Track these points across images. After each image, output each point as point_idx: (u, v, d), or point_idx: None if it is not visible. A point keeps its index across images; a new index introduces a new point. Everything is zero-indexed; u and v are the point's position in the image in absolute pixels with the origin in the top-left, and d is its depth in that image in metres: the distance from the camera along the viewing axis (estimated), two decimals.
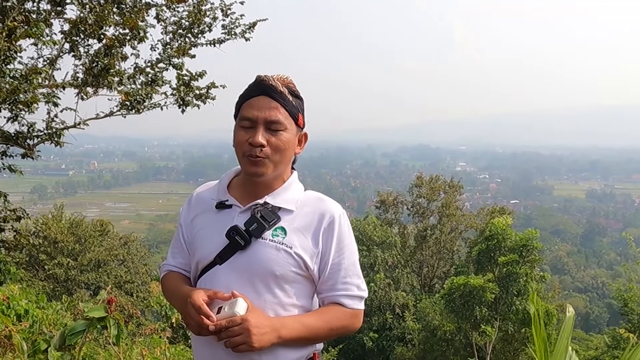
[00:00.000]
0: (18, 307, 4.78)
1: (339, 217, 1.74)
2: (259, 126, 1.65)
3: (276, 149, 1.66)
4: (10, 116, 5.67)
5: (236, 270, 1.67)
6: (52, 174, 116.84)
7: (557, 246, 64.34)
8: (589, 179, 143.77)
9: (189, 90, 6.55)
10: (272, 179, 1.74)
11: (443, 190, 24.78)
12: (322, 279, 1.72)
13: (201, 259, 1.75)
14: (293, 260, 1.67)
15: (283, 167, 1.74)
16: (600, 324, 40.68)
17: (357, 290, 1.74)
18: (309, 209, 1.74)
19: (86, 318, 3.06)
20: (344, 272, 1.72)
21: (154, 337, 6.14)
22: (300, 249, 1.68)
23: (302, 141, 1.79)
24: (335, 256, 1.71)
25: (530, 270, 15.58)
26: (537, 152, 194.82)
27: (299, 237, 1.69)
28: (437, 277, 24.72)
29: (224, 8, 6.42)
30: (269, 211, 1.70)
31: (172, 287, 1.84)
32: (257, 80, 1.70)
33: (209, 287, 1.68)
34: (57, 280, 17.07)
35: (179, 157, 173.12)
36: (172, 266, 1.90)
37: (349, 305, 1.73)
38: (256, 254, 1.66)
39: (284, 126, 1.67)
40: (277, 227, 1.69)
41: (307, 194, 1.79)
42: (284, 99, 1.67)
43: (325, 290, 1.73)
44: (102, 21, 5.39)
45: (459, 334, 16.75)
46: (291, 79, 1.74)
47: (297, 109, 1.71)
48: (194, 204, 1.88)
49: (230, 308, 1.56)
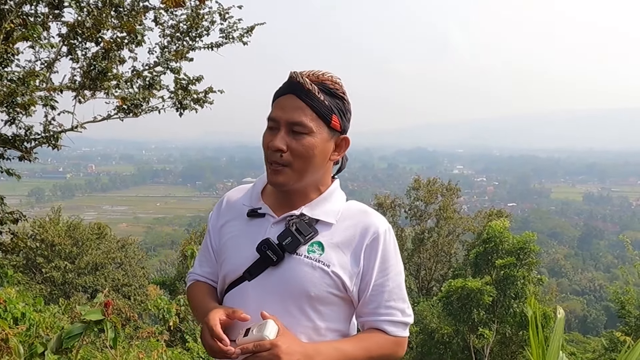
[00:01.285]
0: (15, 311, 4.77)
1: (384, 233, 1.55)
2: (281, 128, 1.48)
3: (298, 154, 1.48)
4: (7, 119, 5.67)
5: (266, 288, 1.51)
6: (49, 177, 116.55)
7: (555, 249, 64.39)
8: (586, 182, 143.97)
9: (186, 94, 6.56)
10: (306, 187, 1.57)
11: (440, 193, 24.82)
12: (362, 301, 1.55)
13: (229, 273, 1.58)
14: (330, 280, 1.49)
15: (311, 177, 1.54)
16: (597, 326, 40.71)
17: (401, 316, 1.56)
18: (351, 223, 1.55)
19: (83, 321, 3.06)
20: (388, 295, 1.55)
21: (151, 340, 6.13)
22: (339, 267, 1.50)
23: (342, 147, 1.59)
24: (378, 277, 1.54)
25: (527, 273, 15.61)
26: (534, 155, 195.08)
27: (337, 254, 1.51)
28: (435, 280, 24.73)
29: (222, 12, 6.44)
30: (306, 224, 1.53)
31: (197, 299, 1.68)
32: (288, 76, 1.52)
33: (237, 304, 1.52)
34: (55, 283, 17.05)
35: (176, 160, 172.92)
36: (198, 275, 1.74)
37: (392, 332, 1.55)
38: (289, 272, 1.50)
39: (309, 129, 1.47)
40: (313, 242, 1.52)
41: (349, 205, 1.61)
42: (312, 99, 1.47)
43: (366, 314, 1.56)
44: (99, 24, 5.40)
45: (456, 337, 16.76)
46: (331, 75, 1.54)
47: (330, 109, 1.50)
48: (225, 208, 1.69)
49: (259, 331, 1.40)
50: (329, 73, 1.54)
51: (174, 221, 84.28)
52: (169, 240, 60.68)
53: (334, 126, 1.52)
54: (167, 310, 7.43)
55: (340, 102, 1.53)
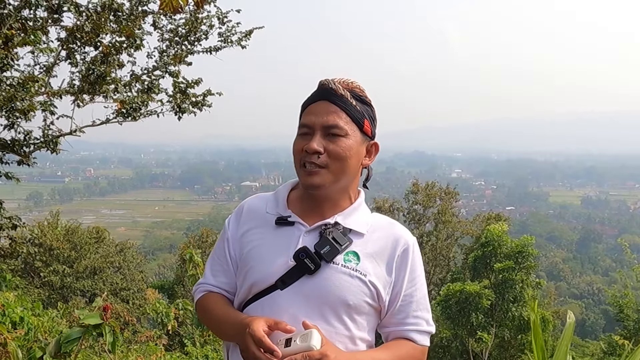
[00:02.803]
0: (13, 315, 4.77)
1: (413, 245, 1.60)
2: (317, 132, 1.50)
3: (336, 156, 1.49)
4: (6, 124, 5.67)
5: (302, 297, 1.48)
6: (48, 181, 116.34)
7: (553, 252, 64.41)
8: (584, 186, 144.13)
9: (185, 98, 6.58)
10: (337, 195, 1.57)
11: (439, 196, 24.82)
12: (391, 311, 1.57)
13: (258, 281, 1.53)
14: (367, 289, 1.51)
15: (346, 181, 1.55)
16: (596, 330, 40.67)
17: (426, 325, 1.60)
18: (381, 234, 1.58)
19: (82, 325, 3.06)
20: (415, 305, 1.58)
21: (150, 344, 6.13)
22: (375, 277, 1.52)
23: (372, 152, 1.62)
24: (407, 287, 1.57)
25: (526, 277, 15.62)
26: (532, 159, 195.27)
27: (372, 265, 1.53)
28: (433, 283, 24.71)
29: (220, 16, 6.46)
30: (340, 233, 1.53)
31: (218, 312, 1.60)
32: (318, 85, 1.56)
33: (267, 314, 1.48)
34: (53, 288, 17.02)
35: (175, 163, 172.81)
36: (212, 286, 1.66)
37: (419, 341, 1.58)
38: (327, 281, 1.48)
39: (344, 132, 1.50)
40: (349, 252, 1.52)
41: (376, 218, 1.63)
42: (345, 103, 1.51)
43: (394, 324, 1.59)
44: (98, 29, 5.42)
45: (455, 341, 16.73)
46: (358, 83, 1.58)
47: (362, 114, 1.54)
48: (246, 216, 1.64)
49: (303, 340, 1.36)
50: (356, 81, 1.58)
51: (173, 225, 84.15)
52: (167, 244, 60.58)
53: (365, 131, 1.56)
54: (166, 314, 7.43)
55: (369, 109, 1.58)
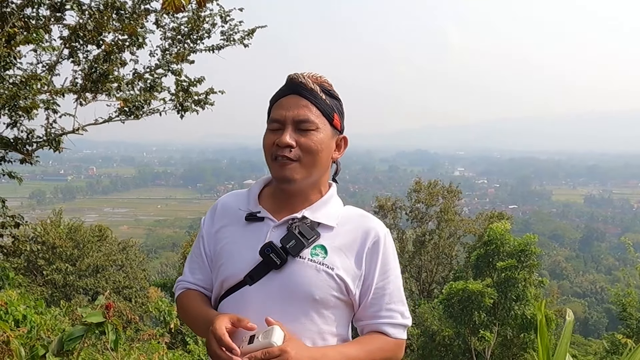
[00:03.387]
0: (16, 313, 4.77)
1: (384, 237, 1.57)
2: (288, 126, 1.49)
3: (307, 150, 1.49)
4: (9, 122, 5.67)
5: (269, 291, 1.49)
6: (50, 180, 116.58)
7: (556, 251, 64.31)
8: (587, 184, 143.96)
9: (187, 96, 6.57)
10: (308, 189, 1.57)
11: (441, 195, 24.79)
12: (363, 304, 1.56)
13: (228, 277, 1.54)
14: (334, 283, 1.49)
15: (318, 174, 1.55)
16: (599, 329, 40.63)
17: (401, 318, 1.58)
18: (351, 226, 1.56)
19: (84, 323, 3.06)
20: (389, 298, 1.56)
21: (152, 342, 6.13)
22: (343, 270, 1.50)
23: (341, 146, 1.62)
24: (379, 280, 1.55)
25: (528, 275, 15.59)
26: (534, 157, 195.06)
27: (340, 258, 1.51)
28: (436, 282, 24.71)
29: (222, 15, 6.44)
30: (308, 227, 1.52)
31: (192, 309, 1.63)
32: (287, 79, 1.56)
33: (236, 309, 1.49)
34: (56, 286, 17.06)
35: (177, 162, 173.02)
36: (190, 283, 1.68)
37: (393, 334, 1.56)
38: (293, 275, 1.48)
39: (315, 125, 1.50)
40: (316, 245, 1.51)
41: (347, 210, 1.61)
42: (316, 97, 1.51)
43: (367, 318, 1.57)
44: (101, 27, 5.41)
45: (457, 339, 16.72)
46: (326, 78, 1.58)
47: (331, 108, 1.54)
48: (219, 213, 1.66)
49: (265, 337, 1.36)
50: (324, 76, 1.58)
51: (175, 223, 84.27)
52: (170, 243, 60.67)
53: (335, 125, 1.56)
54: (168, 313, 7.44)
55: (338, 103, 1.59)
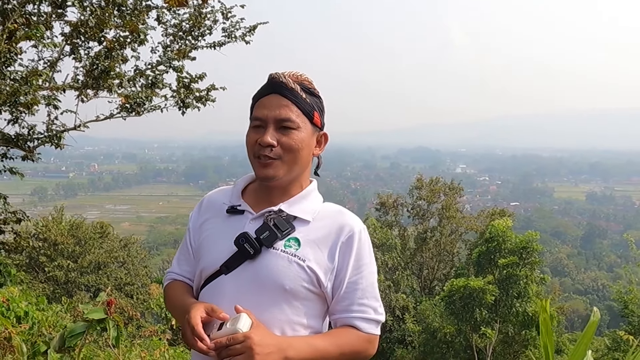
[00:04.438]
0: (18, 309, 4.78)
1: (359, 233, 1.61)
2: (269, 125, 1.55)
3: (288, 148, 1.55)
4: (10, 118, 5.68)
5: (243, 280, 1.55)
6: (52, 176, 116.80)
7: (558, 248, 64.30)
8: (589, 181, 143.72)
9: (189, 93, 6.56)
10: (289, 185, 1.63)
11: (443, 192, 24.78)
12: (335, 298, 1.59)
13: (206, 267, 1.62)
14: (305, 274, 1.53)
15: (298, 170, 1.61)
16: (600, 326, 40.52)
17: (373, 314, 1.60)
18: (327, 222, 1.61)
19: (86, 320, 3.06)
20: (361, 293, 1.59)
21: (154, 339, 6.14)
22: (314, 263, 1.54)
23: (321, 142, 1.67)
24: (352, 274, 1.58)
25: (530, 273, 15.60)
26: (537, 155, 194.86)
27: (313, 250, 1.56)
28: (437, 279, 24.71)
29: (224, 11, 6.43)
30: (283, 220, 1.58)
31: (174, 298, 1.70)
32: (268, 78, 1.61)
33: (213, 298, 1.56)
34: (57, 282, 17.09)
35: (179, 159, 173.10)
36: (176, 274, 1.76)
37: (365, 329, 1.58)
38: (265, 265, 1.54)
39: (296, 124, 1.56)
40: (290, 238, 1.56)
41: (325, 206, 1.67)
42: (296, 96, 1.57)
43: (339, 311, 1.60)
44: (102, 24, 5.41)
45: (459, 336, 16.73)
46: (307, 76, 1.64)
47: (311, 106, 1.60)
48: (205, 207, 1.75)
49: (232, 324, 1.43)
50: (304, 74, 1.63)
51: (177, 220, 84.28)
52: (171, 239, 60.80)
53: (315, 122, 1.61)
54: None
55: (318, 100, 1.64)
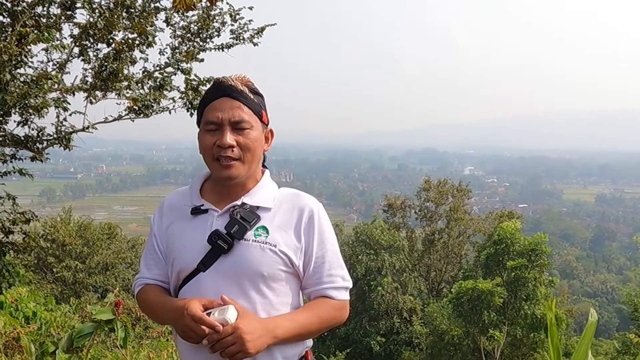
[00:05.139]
0: (26, 310, 4.81)
1: (318, 211, 1.74)
2: (225, 127, 1.64)
3: (246, 148, 1.66)
4: (20, 120, 5.70)
5: (222, 274, 1.64)
6: (60, 177, 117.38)
7: (566, 250, 63.94)
8: (598, 183, 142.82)
9: (197, 95, 6.57)
10: (245, 179, 1.72)
11: (451, 194, 24.72)
12: (307, 274, 1.72)
13: (183, 268, 1.69)
14: (279, 258, 1.65)
15: (255, 167, 1.73)
16: (609, 329, 40.37)
17: (342, 281, 1.75)
18: (287, 206, 1.73)
19: (94, 320, 3.08)
20: (329, 265, 1.73)
21: (161, 340, 6.15)
22: (284, 246, 1.67)
23: (269, 138, 1.78)
24: (318, 250, 1.71)
25: (539, 275, 15.52)
26: (545, 156, 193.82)
27: (281, 235, 1.68)
28: (445, 281, 24.63)
29: (232, 13, 6.44)
30: (248, 212, 1.68)
31: (156, 301, 1.76)
32: (215, 82, 1.69)
33: (195, 295, 1.64)
34: (65, 283, 17.16)
35: (186, 160, 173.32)
36: (148, 279, 1.81)
37: (336, 296, 1.73)
38: (241, 256, 1.64)
39: (250, 124, 1.66)
40: (258, 227, 1.67)
41: (282, 191, 1.79)
42: (246, 98, 1.67)
43: (311, 285, 1.73)
44: (111, 26, 5.42)
45: (466, 339, 16.67)
46: (249, 77, 1.74)
47: (259, 106, 1.71)
48: (167, 211, 1.81)
49: (220, 314, 1.54)
50: (246, 76, 1.73)
51: None
52: None
53: (264, 120, 1.73)
54: None
55: (262, 99, 1.74)
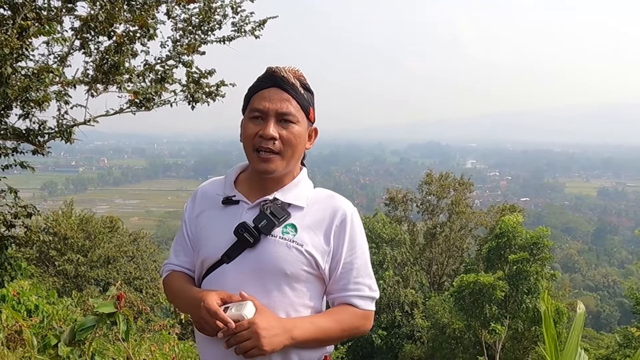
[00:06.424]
0: (28, 303, 4.82)
1: (351, 215, 1.68)
2: (270, 118, 1.60)
3: (288, 142, 1.61)
4: (21, 114, 5.69)
5: (245, 268, 1.61)
6: (62, 171, 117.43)
7: (568, 244, 63.97)
8: (601, 177, 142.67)
9: (198, 88, 6.55)
10: (283, 175, 1.68)
11: (453, 187, 24.72)
12: (333, 278, 1.67)
13: (207, 258, 1.67)
14: (304, 258, 1.61)
15: (294, 163, 1.68)
16: (611, 322, 40.43)
17: (368, 291, 1.69)
18: (320, 206, 1.68)
19: (96, 314, 3.07)
20: (356, 272, 1.67)
21: (163, 333, 6.16)
22: (312, 247, 1.62)
23: (312, 136, 1.73)
24: (347, 255, 1.66)
25: (540, 269, 15.53)
26: (548, 150, 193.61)
27: (310, 235, 1.63)
28: (447, 274, 24.66)
29: (234, 6, 6.41)
30: (279, 207, 1.64)
31: (178, 288, 1.75)
32: (268, 71, 1.65)
33: (215, 287, 1.62)
34: (67, 276, 17.21)
35: (188, 153, 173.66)
36: (175, 265, 1.81)
37: (361, 306, 1.67)
38: (266, 252, 1.60)
39: (296, 119, 1.62)
40: (287, 224, 1.63)
41: (317, 191, 1.73)
42: (296, 91, 1.62)
43: (336, 291, 1.68)
44: (112, 18, 5.40)
45: (468, 332, 16.71)
46: (302, 72, 1.68)
47: (308, 102, 1.66)
48: (199, 199, 1.79)
49: (237, 310, 1.51)
50: (299, 70, 1.69)
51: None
52: None
53: (310, 117, 1.69)
54: None
55: (312, 96, 1.70)
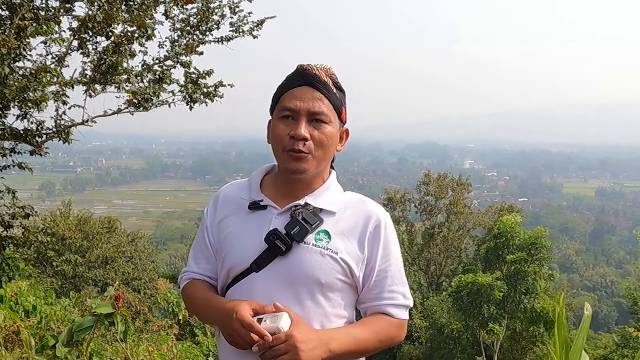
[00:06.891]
0: (26, 303, 4.82)
1: (385, 220, 1.61)
2: (302, 118, 1.51)
3: (320, 143, 1.52)
4: (19, 114, 5.68)
5: (276, 277, 1.52)
6: (60, 171, 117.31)
7: (566, 244, 64.06)
8: (599, 177, 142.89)
9: (196, 88, 6.55)
10: (312, 178, 1.60)
11: (451, 187, 24.73)
12: (366, 287, 1.59)
13: (234, 266, 1.57)
14: (339, 266, 1.53)
15: (325, 165, 1.60)
16: (609, 322, 40.52)
17: (403, 299, 1.61)
18: (352, 211, 1.60)
19: (94, 314, 3.07)
20: (391, 280, 1.60)
21: (161, 333, 6.16)
22: (346, 254, 1.54)
23: (343, 138, 1.65)
24: (381, 262, 1.58)
25: (538, 269, 15.56)
26: (546, 150, 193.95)
27: (343, 242, 1.55)
28: (445, 275, 24.67)
29: (232, 6, 6.41)
30: (311, 213, 1.55)
31: (202, 297, 1.64)
32: (298, 69, 1.57)
33: (244, 296, 1.52)
34: (65, 277, 17.20)
35: (186, 154, 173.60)
36: (196, 273, 1.70)
37: (396, 315, 1.60)
38: (299, 260, 1.51)
39: (328, 119, 1.53)
40: (320, 231, 1.54)
41: (347, 195, 1.65)
42: (328, 90, 1.54)
43: (370, 300, 1.61)
44: (110, 18, 5.39)
45: (466, 332, 16.72)
46: (333, 70, 1.60)
47: (340, 101, 1.58)
48: (222, 203, 1.68)
49: (273, 321, 1.42)
50: (331, 68, 1.60)
51: (184, 215, 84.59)
52: (178, 234, 61.02)
53: (342, 118, 1.60)
54: (177, 304, 7.48)
55: (344, 96, 1.61)
